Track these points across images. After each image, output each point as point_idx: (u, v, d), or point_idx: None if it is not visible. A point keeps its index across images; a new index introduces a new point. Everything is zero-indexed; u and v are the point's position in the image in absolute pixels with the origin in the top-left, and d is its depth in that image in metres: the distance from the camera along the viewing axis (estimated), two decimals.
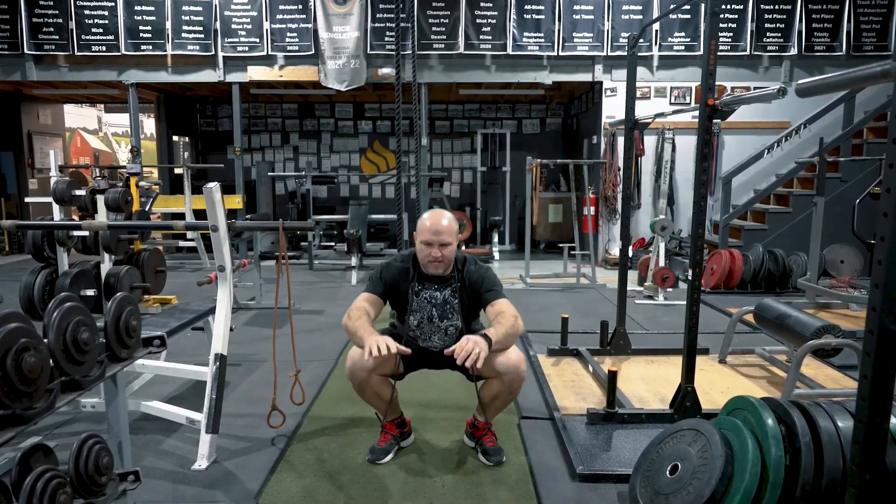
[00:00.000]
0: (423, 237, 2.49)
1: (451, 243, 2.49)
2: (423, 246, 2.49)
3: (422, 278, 2.58)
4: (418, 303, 2.58)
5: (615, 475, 2.44)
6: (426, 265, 2.52)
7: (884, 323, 1.34)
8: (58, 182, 3.49)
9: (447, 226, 2.49)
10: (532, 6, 7.50)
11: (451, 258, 2.52)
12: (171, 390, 3.45)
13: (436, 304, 2.58)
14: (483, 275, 2.57)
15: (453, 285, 2.57)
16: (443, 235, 2.46)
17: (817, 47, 7.57)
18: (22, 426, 1.38)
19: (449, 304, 2.57)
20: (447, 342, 2.58)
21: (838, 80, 1.68)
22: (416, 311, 2.59)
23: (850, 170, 6.81)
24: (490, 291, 2.55)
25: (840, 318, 4.87)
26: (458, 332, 2.58)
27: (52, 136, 10.39)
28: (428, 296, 2.57)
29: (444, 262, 2.50)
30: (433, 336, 2.61)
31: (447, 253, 2.49)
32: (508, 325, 2.40)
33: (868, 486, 1.42)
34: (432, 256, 2.48)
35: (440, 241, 2.46)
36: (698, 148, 2.75)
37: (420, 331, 2.61)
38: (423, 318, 2.59)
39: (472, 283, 2.56)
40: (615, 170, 7.74)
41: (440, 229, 2.47)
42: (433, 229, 2.47)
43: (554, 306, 5.56)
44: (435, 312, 2.58)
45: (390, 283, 2.58)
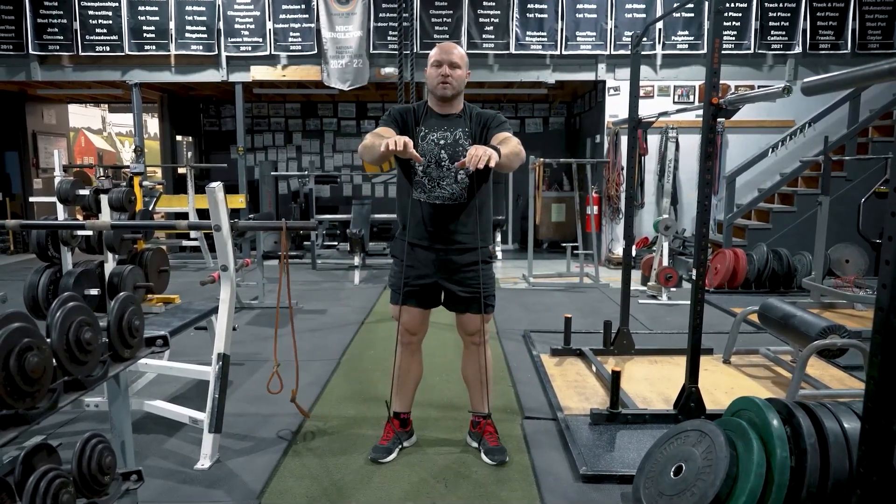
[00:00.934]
0: (434, 59, 2.46)
1: (460, 66, 2.46)
2: (433, 69, 2.46)
3: (430, 120, 2.51)
4: (425, 146, 2.48)
5: (619, 476, 2.43)
6: (435, 88, 2.46)
7: (891, 323, 1.33)
8: (62, 182, 3.50)
9: (458, 51, 2.48)
10: (535, 5, 7.48)
11: (459, 83, 2.48)
12: (174, 390, 3.45)
13: (445, 144, 2.48)
14: (493, 115, 2.53)
15: (463, 126, 2.50)
16: (453, 56, 2.45)
17: (822, 45, 7.53)
18: (25, 426, 1.38)
19: (460, 145, 2.47)
20: (457, 189, 2.48)
21: (844, 78, 1.67)
22: (423, 154, 2.45)
23: (855, 169, 6.78)
24: (498, 126, 2.48)
25: (845, 318, 4.85)
26: (468, 176, 2.48)
27: (57, 135, 10.42)
28: (436, 137, 2.48)
29: (452, 83, 2.45)
30: (442, 182, 2.48)
31: (456, 75, 2.45)
32: (514, 145, 2.32)
33: (875, 488, 1.41)
34: (441, 76, 2.43)
35: (450, 61, 2.44)
36: (702, 147, 2.74)
37: (428, 175, 2.49)
38: (431, 162, 2.47)
39: (481, 119, 2.51)
40: (618, 169, 7.72)
41: (450, 50, 2.46)
42: (444, 50, 2.46)
43: (557, 306, 5.55)
44: (444, 154, 2.47)
45: (400, 119, 2.52)
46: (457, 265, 2.53)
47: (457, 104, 2.53)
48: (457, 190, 2.49)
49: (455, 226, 2.50)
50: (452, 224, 2.50)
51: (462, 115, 2.53)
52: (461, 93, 2.52)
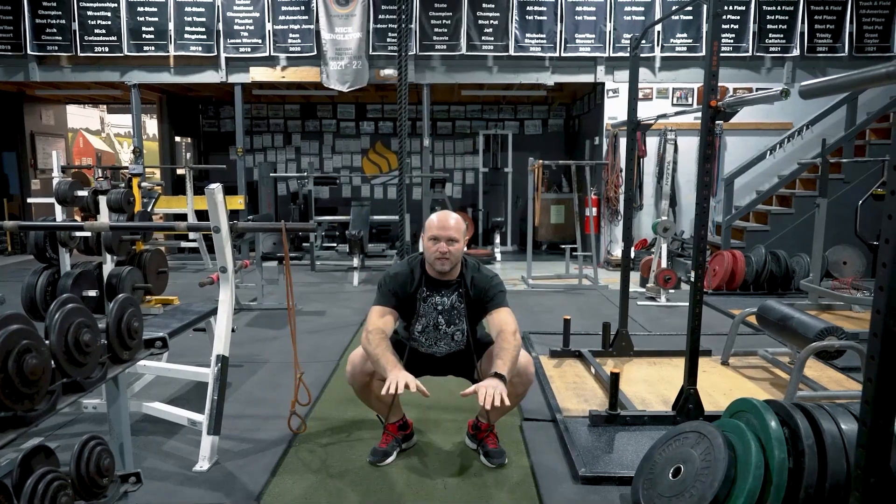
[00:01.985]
0: (431, 233, 2.49)
1: (458, 240, 2.49)
2: (431, 242, 2.49)
3: (428, 284, 2.58)
4: (425, 309, 2.58)
5: (617, 477, 2.43)
6: (433, 262, 2.51)
7: (888, 326, 1.33)
8: (60, 183, 3.50)
9: (454, 224, 2.50)
10: (534, 7, 7.50)
11: (458, 256, 2.52)
12: (173, 391, 3.45)
13: (443, 310, 2.57)
14: (489, 282, 2.57)
15: (459, 290, 2.57)
16: (450, 231, 2.47)
17: (820, 48, 7.56)
18: (23, 428, 1.38)
19: (456, 310, 2.57)
20: (453, 347, 2.60)
21: (842, 81, 1.67)
22: (422, 316, 2.58)
23: (852, 171, 6.80)
24: (492, 300, 2.53)
25: (843, 320, 4.86)
26: (465, 336, 2.58)
27: (55, 136, 10.41)
28: (434, 302, 2.58)
29: (451, 258, 2.49)
30: (439, 342, 2.61)
31: (454, 250, 2.48)
32: (512, 348, 2.36)
33: (872, 489, 1.41)
34: (440, 252, 2.47)
35: (448, 237, 2.47)
36: (700, 149, 2.75)
37: (425, 336, 2.60)
38: (429, 325, 2.58)
39: (478, 288, 2.56)
40: (617, 171, 7.73)
41: (448, 225, 2.48)
42: (441, 225, 2.48)
43: (556, 308, 5.56)
44: (441, 319, 2.58)
45: (399, 292, 2.56)
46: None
47: (453, 272, 2.57)
48: (454, 347, 2.62)
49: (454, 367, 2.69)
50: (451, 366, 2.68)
51: (458, 280, 2.58)
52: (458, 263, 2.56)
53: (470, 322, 2.59)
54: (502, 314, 2.50)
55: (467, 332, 2.58)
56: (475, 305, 2.57)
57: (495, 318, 2.50)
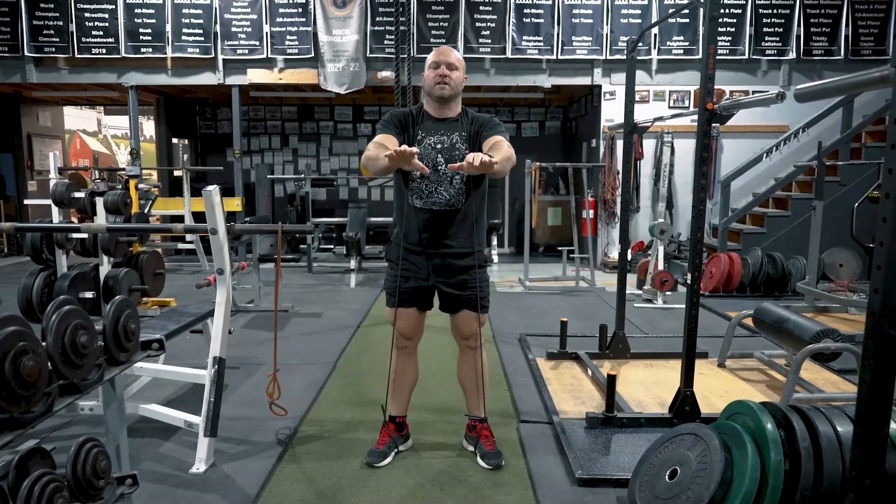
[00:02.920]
0: (430, 61, 2.48)
1: (458, 68, 2.48)
2: (430, 71, 2.48)
3: (427, 124, 2.52)
4: (422, 150, 2.46)
5: (614, 479, 2.43)
6: (433, 88, 2.47)
7: (883, 328, 1.34)
8: (57, 184, 3.50)
9: (455, 54, 2.51)
10: (531, 10, 7.51)
11: (457, 85, 2.49)
12: (169, 393, 3.44)
13: (442, 148, 2.48)
14: (488, 119, 2.53)
15: (460, 130, 2.50)
16: (450, 57, 2.48)
17: (815, 51, 7.59)
18: (20, 430, 1.38)
19: (457, 150, 2.47)
20: (452, 195, 2.49)
21: (837, 84, 1.68)
22: (420, 157, 2.40)
23: (848, 173, 6.82)
24: (491, 129, 2.47)
25: (839, 322, 4.87)
26: (463, 181, 2.49)
27: (52, 137, 10.39)
28: (433, 141, 2.48)
29: (450, 84, 2.46)
30: (439, 187, 2.48)
31: (454, 76, 2.46)
32: (506, 149, 2.31)
33: (868, 491, 1.42)
34: (439, 76, 2.44)
35: (447, 62, 2.46)
36: (697, 152, 2.76)
37: (425, 182, 2.49)
38: (428, 166, 2.43)
39: (477, 123, 2.52)
40: (614, 173, 7.75)
41: (447, 52, 2.50)
42: (441, 51, 2.50)
43: (553, 310, 5.56)
44: (441, 158, 2.47)
45: (399, 123, 2.51)
46: (452, 269, 2.54)
47: (454, 107, 2.53)
48: (453, 195, 2.49)
49: (450, 231, 2.51)
50: (448, 229, 2.51)
51: (459, 118, 2.53)
52: (458, 95, 2.53)
53: None
54: (497, 136, 2.43)
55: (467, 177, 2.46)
56: (476, 144, 2.49)
57: (491, 139, 2.41)
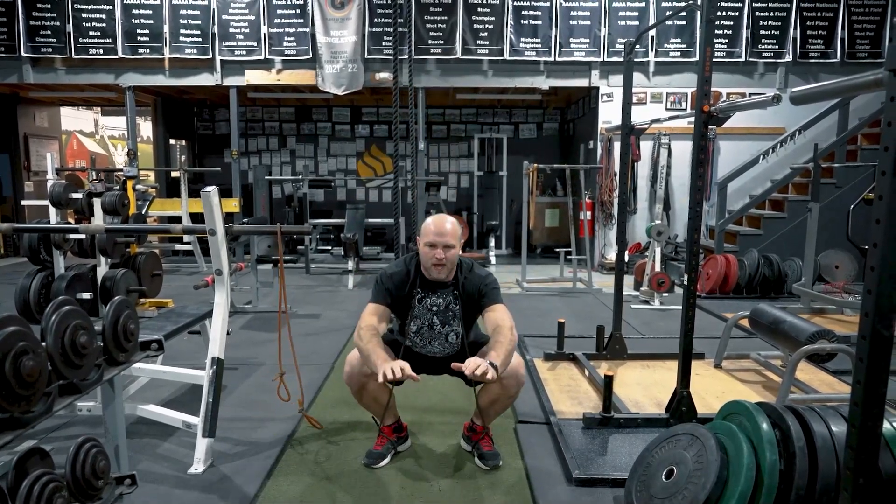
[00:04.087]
0: (427, 239, 2.50)
1: (454, 246, 2.51)
2: (427, 248, 2.51)
3: (424, 284, 2.59)
4: (420, 309, 2.60)
5: (611, 479, 2.44)
6: (429, 268, 2.53)
7: (876, 328, 1.36)
8: (54, 185, 3.49)
9: (451, 229, 2.51)
10: (529, 12, 7.54)
11: (454, 262, 2.54)
12: (168, 394, 3.44)
13: (437, 311, 2.59)
14: (483, 280, 2.59)
15: (454, 291, 2.59)
16: (447, 237, 2.49)
17: (812, 54, 7.62)
18: (20, 430, 1.38)
19: (450, 310, 2.59)
20: (447, 348, 2.61)
21: (832, 88, 1.70)
22: (417, 317, 2.60)
23: (844, 176, 6.85)
24: (486, 297, 2.56)
25: (835, 324, 4.89)
26: (459, 337, 2.60)
27: (49, 138, 10.37)
28: (429, 303, 2.59)
29: (447, 265, 2.51)
30: (433, 342, 2.62)
31: (450, 256, 2.50)
32: (507, 342, 2.38)
33: (861, 490, 1.43)
34: (436, 259, 2.49)
35: (444, 243, 2.48)
36: (694, 153, 2.77)
37: (420, 336, 2.61)
38: (424, 325, 2.60)
39: (471, 288, 2.58)
40: (611, 175, 7.77)
41: (444, 231, 2.49)
42: (437, 231, 2.49)
43: (550, 311, 5.57)
44: (436, 319, 2.60)
45: (394, 291, 2.58)
46: None
47: (449, 275, 2.59)
48: (449, 349, 2.62)
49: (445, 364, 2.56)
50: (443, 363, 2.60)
51: (454, 281, 2.59)
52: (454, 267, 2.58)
53: (464, 322, 2.61)
54: (497, 311, 2.51)
55: (461, 334, 2.60)
56: (469, 305, 2.59)
57: (491, 315, 2.51)
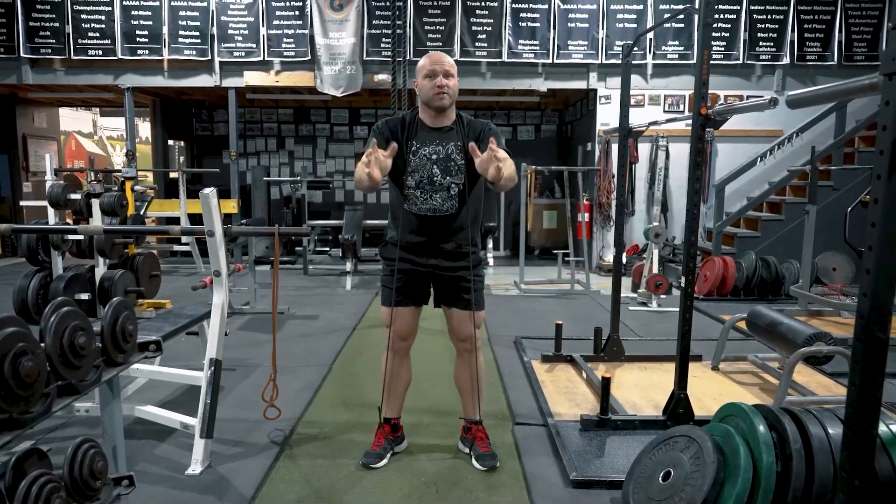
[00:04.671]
0: (426, 70, 2.42)
1: (453, 75, 2.43)
2: (426, 80, 2.42)
3: (421, 133, 2.48)
4: (417, 161, 2.46)
5: (608, 481, 2.45)
6: (431, 98, 2.42)
7: (872, 331, 1.36)
8: (53, 186, 3.50)
9: (449, 60, 2.45)
10: (527, 14, 7.55)
11: (454, 92, 2.45)
12: (166, 395, 3.44)
13: (437, 159, 2.45)
14: (484, 125, 2.50)
15: (455, 140, 2.46)
16: (445, 65, 2.42)
17: (809, 56, 7.65)
18: (19, 430, 1.39)
19: (453, 161, 2.46)
20: (449, 202, 2.48)
21: (827, 91, 1.71)
22: (414, 171, 2.45)
23: (841, 178, 6.87)
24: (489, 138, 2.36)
25: (832, 326, 4.90)
26: (461, 190, 2.47)
27: (47, 139, 10.37)
28: (428, 152, 2.45)
29: (449, 93, 2.42)
30: (435, 195, 2.47)
31: (452, 84, 2.42)
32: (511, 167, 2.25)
33: (857, 491, 1.44)
34: (437, 87, 2.39)
35: (444, 70, 2.41)
36: (691, 156, 2.78)
37: (421, 190, 2.46)
38: (423, 178, 2.45)
39: (474, 131, 2.48)
40: (609, 177, 7.78)
41: (442, 60, 2.43)
42: (435, 60, 2.43)
43: (548, 312, 5.58)
44: (437, 169, 2.45)
45: (388, 134, 2.47)
46: (446, 269, 2.56)
47: (450, 115, 2.50)
48: (448, 202, 2.48)
49: (445, 235, 2.51)
50: (443, 234, 2.51)
51: (454, 126, 2.50)
52: (454, 102, 2.51)
53: (468, 177, 2.47)
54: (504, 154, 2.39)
55: (462, 187, 2.46)
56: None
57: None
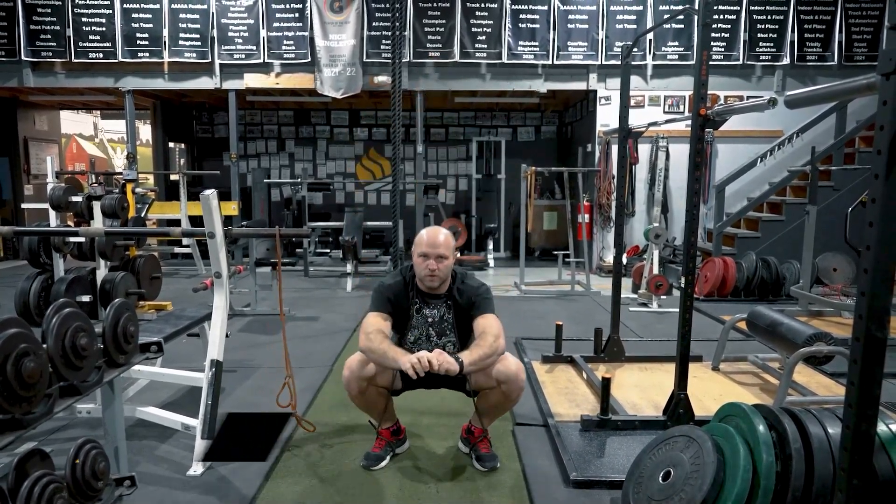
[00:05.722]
0: (420, 250, 2.53)
1: (447, 257, 2.53)
2: (420, 259, 2.53)
3: (420, 295, 2.62)
4: (417, 320, 2.63)
5: (608, 481, 2.45)
6: (422, 278, 2.56)
7: (870, 330, 1.37)
8: (54, 188, 3.51)
9: (444, 241, 2.53)
10: (527, 15, 7.56)
11: (446, 273, 2.56)
12: (167, 396, 3.45)
13: (433, 322, 2.62)
14: (475, 291, 2.59)
15: (448, 302, 2.61)
16: (439, 248, 2.51)
17: (809, 57, 7.65)
18: (21, 431, 1.39)
19: (445, 321, 2.62)
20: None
21: (826, 92, 1.72)
22: (414, 327, 2.63)
23: (842, 178, 6.87)
24: (478, 307, 2.56)
25: (832, 326, 4.91)
26: (455, 348, 2.61)
27: (49, 142, 10.39)
28: (426, 314, 2.63)
29: (439, 275, 2.53)
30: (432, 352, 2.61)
31: (443, 267, 2.52)
32: (486, 346, 2.39)
33: (856, 491, 1.44)
34: (428, 269, 2.51)
35: (437, 254, 2.51)
36: (691, 156, 2.78)
37: (418, 347, 2.62)
38: (422, 336, 2.63)
39: (464, 299, 2.59)
40: (609, 178, 7.79)
41: (437, 243, 2.52)
42: (430, 242, 2.52)
43: (548, 313, 5.58)
44: (432, 331, 2.63)
45: (393, 300, 2.59)
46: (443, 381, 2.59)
47: (443, 286, 2.61)
48: None
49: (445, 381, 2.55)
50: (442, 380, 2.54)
51: (448, 292, 2.61)
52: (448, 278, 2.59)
53: (459, 334, 2.63)
54: (487, 319, 2.51)
55: (457, 345, 2.62)
56: (463, 316, 2.60)
57: (479, 322, 2.52)
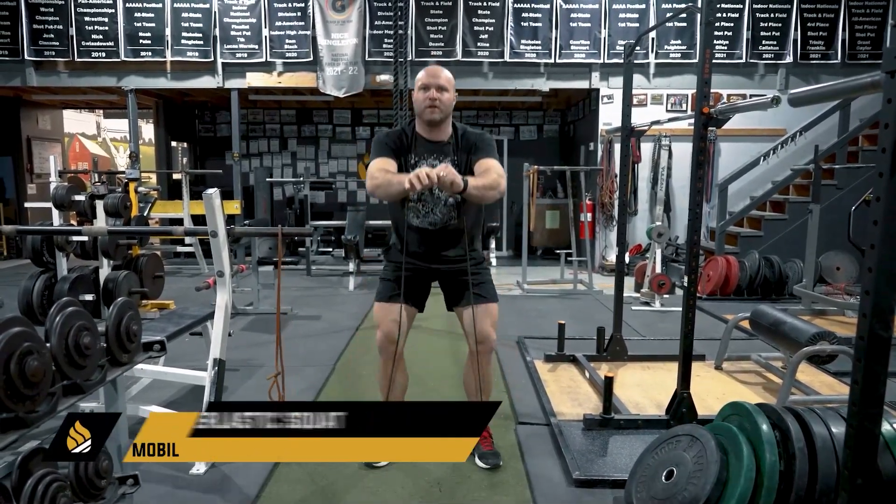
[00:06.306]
0: (420, 82, 2.47)
1: (448, 90, 2.46)
2: (420, 93, 2.46)
3: (420, 146, 2.53)
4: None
5: (611, 480, 2.45)
6: (423, 112, 2.47)
7: (874, 329, 1.36)
8: (57, 187, 3.51)
9: (445, 74, 2.49)
10: (529, 14, 7.55)
11: (448, 107, 2.48)
12: (170, 395, 3.46)
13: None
14: (478, 137, 2.53)
15: (451, 154, 2.51)
16: (440, 79, 2.46)
17: (812, 55, 7.63)
18: (24, 429, 1.39)
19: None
20: (447, 215, 2.54)
21: (829, 90, 1.71)
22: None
23: (845, 177, 6.85)
24: (480, 150, 2.47)
25: (836, 325, 4.89)
26: (457, 202, 2.52)
27: (51, 141, 10.41)
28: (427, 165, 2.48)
29: (441, 107, 2.45)
30: (436, 208, 2.53)
31: (445, 98, 2.45)
32: (490, 179, 2.33)
33: (860, 490, 1.44)
34: (429, 99, 2.43)
35: (437, 84, 2.44)
36: (694, 155, 2.78)
37: (422, 203, 2.53)
38: (424, 190, 2.48)
39: (467, 147, 2.52)
40: (612, 176, 7.78)
41: (438, 74, 2.47)
42: (431, 73, 2.47)
43: (551, 312, 5.58)
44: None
45: (394, 146, 2.51)
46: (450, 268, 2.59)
47: (445, 129, 2.54)
48: (447, 214, 2.54)
49: (447, 244, 2.56)
50: (444, 244, 2.56)
51: (451, 141, 2.54)
52: (449, 116, 2.53)
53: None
54: (489, 161, 2.43)
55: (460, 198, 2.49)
56: (467, 165, 2.51)
57: (482, 163, 2.44)
